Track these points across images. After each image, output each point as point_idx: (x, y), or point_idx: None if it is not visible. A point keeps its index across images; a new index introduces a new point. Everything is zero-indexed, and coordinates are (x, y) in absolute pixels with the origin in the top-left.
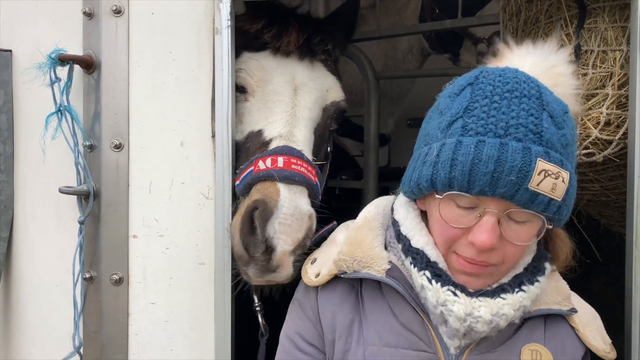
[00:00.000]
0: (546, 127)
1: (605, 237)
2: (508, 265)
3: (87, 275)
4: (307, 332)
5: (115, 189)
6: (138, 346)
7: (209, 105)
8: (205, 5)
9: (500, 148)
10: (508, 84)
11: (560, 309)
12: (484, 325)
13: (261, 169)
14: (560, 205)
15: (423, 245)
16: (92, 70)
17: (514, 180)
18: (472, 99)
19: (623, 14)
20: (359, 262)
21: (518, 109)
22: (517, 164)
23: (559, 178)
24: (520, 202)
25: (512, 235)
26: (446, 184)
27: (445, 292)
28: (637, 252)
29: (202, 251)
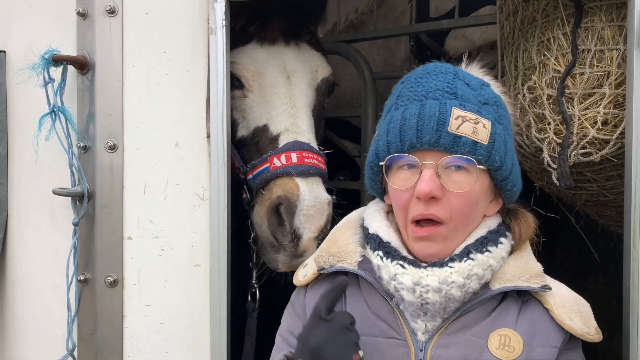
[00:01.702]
0: (460, 88)
1: (603, 237)
2: (458, 219)
3: (82, 277)
4: (296, 328)
5: (110, 190)
6: (133, 348)
7: (204, 106)
8: (199, 5)
9: (421, 107)
10: (427, 68)
11: (529, 286)
12: (434, 295)
13: (277, 165)
14: (489, 150)
15: (376, 229)
16: (86, 71)
17: (434, 127)
18: (402, 87)
19: (620, 13)
20: (334, 257)
21: (435, 81)
22: (435, 113)
23: (478, 123)
24: (447, 146)
25: (452, 184)
26: (385, 150)
27: (395, 266)
28: (635, 252)
29: (198, 253)
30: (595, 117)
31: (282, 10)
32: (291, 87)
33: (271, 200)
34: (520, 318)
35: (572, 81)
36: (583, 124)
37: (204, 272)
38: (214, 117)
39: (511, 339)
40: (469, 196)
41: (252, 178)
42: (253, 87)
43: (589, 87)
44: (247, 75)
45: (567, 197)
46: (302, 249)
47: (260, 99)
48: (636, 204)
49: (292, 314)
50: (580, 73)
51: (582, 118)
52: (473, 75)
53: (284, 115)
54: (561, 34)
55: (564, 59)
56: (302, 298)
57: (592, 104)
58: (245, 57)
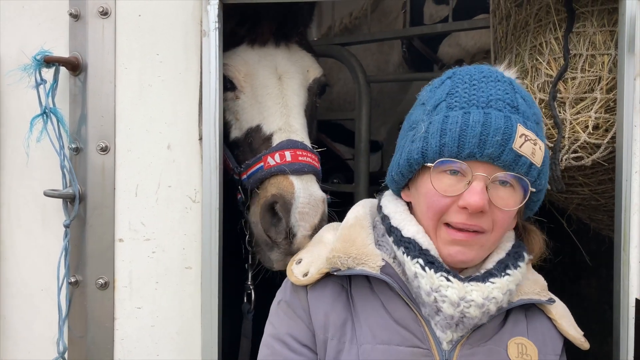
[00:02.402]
0: (520, 103)
1: (595, 241)
2: (497, 233)
3: (73, 279)
4: (299, 332)
5: (101, 192)
6: (124, 351)
7: (196, 108)
8: (192, 7)
9: (484, 115)
10: (483, 72)
11: (539, 299)
12: (476, 310)
13: (271, 164)
14: (539, 172)
15: (414, 234)
16: (78, 72)
17: (499, 141)
18: (453, 85)
19: (611, 18)
20: (353, 259)
21: (495, 89)
22: (501, 126)
23: (537, 144)
24: (506, 162)
25: (499, 200)
26: (437, 152)
27: (439, 278)
28: (626, 255)
29: (189, 255)
30: (586, 122)
31: (272, 12)
32: (283, 87)
33: (266, 199)
34: (530, 327)
35: (563, 85)
36: (574, 128)
37: (196, 274)
38: (206, 119)
39: (527, 347)
40: (512, 213)
41: (246, 178)
42: (245, 89)
43: (581, 92)
44: (239, 77)
45: (559, 201)
46: (296, 246)
47: (253, 100)
48: (627, 207)
49: (291, 316)
50: (572, 77)
51: (573, 122)
52: (523, 88)
53: (277, 115)
54: (553, 38)
55: (556, 63)
56: (303, 299)
57: (583, 109)
58: (236, 59)
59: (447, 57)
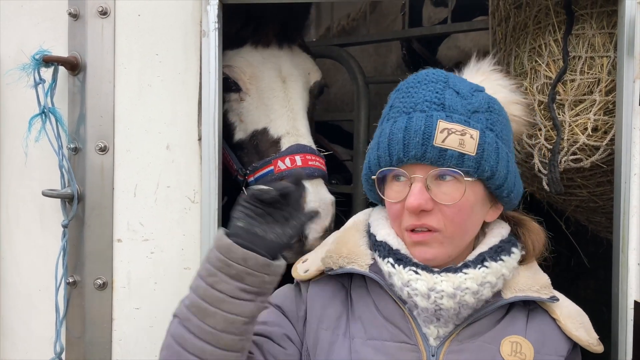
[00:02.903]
0: (448, 98)
1: (594, 243)
2: (452, 228)
3: (71, 279)
4: (287, 307)
5: (100, 192)
6: (122, 352)
7: (196, 108)
8: (192, 7)
9: (407, 120)
10: (418, 77)
11: (539, 296)
12: (449, 300)
13: (282, 168)
14: (478, 161)
15: (384, 236)
16: (77, 72)
17: (420, 141)
18: (395, 97)
19: (610, 21)
20: (344, 258)
21: (425, 91)
22: (420, 127)
23: (465, 135)
24: (433, 159)
25: (442, 195)
26: (376, 164)
27: (408, 272)
28: (624, 257)
29: (188, 256)
30: (585, 124)
31: (275, 13)
32: (288, 90)
33: None
34: (529, 326)
35: (563, 88)
36: (573, 130)
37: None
38: (205, 119)
39: (522, 346)
40: (462, 205)
41: (253, 180)
42: (250, 91)
43: (580, 94)
44: (244, 78)
45: (557, 203)
46: (308, 248)
47: (258, 103)
48: (625, 210)
49: (288, 295)
50: (571, 80)
51: (572, 124)
52: (467, 80)
53: (284, 118)
54: (552, 40)
55: (555, 65)
56: (303, 290)
57: (582, 111)
58: (241, 61)
59: (446, 60)
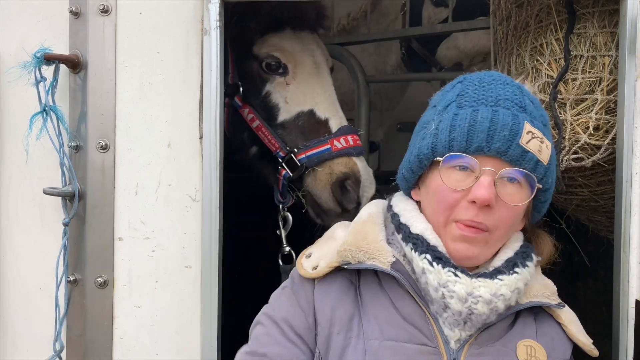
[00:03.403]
0: (528, 104)
1: (594, 242)
2: (502, 231)
3: (72, 278)
4: (296, 321)
5: (101, 190)
6: (122, 350)
7: (197, 107)
8: (194, 6)
9: (493, 112)
10: (493, 76)
11: (549, 302)
12: (484, 306)
13: (338, 147)
14: (546, 170)
15: (422, 230)
16: (78, 70)
17: (506, 136)
18: (463, 88)
19: (612, 20)
20: (364, 253)
21: (504, 90)
22: (509, 122)
23: (543, 142)
24: (513, 157)
25: (506, 196)
26: (446, 147)
27: (447, 273)
28: (625, 257)
29: (189, 254)
30: (587, 123)
31: None
32: (323, 75)
33: (338, 175)
34: (539, 331)
35: (564, 87)
36: (575, 129)
37: (195, 273)
38: (207, 118)
39: (536, 350)
40: (517, 210)
41: (305, 157)
42: (296, 75)
43: (581, 93)
44: (291, 64)
45: (558, 202)
46: None
47: (303, 86)
48: (626, 209)
49: (292, 304)
50: (573, 79)
51: (574, 123)
52: (530, 93)
53: (327, 102)
54: (554, 39)
55: (556, 64)
56: (309, 291)
57: (584, 110)
58: (288, 45)
59: (445, 60)
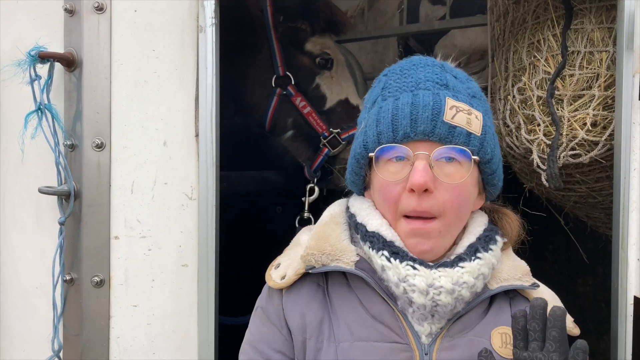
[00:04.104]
0: (450, 80)
1: (592, 239)
2: (450, 215)
3: (68, 277)
4: (272, 338)
5: (97, 189)
6: (119, 349)
7: (193, 105)
8: (189, 3)
9: (413, 96)
10: (413, 60)
11: (522, 284)
12: (447, 296)
13: None
14: (481, 141)
15: (377, 227)
16: (73, 68)
17: (429, 116)
18: (387, 80)
19: (609, 15)
20: (327, 255)
21: (424, 72)
22: (429, 102)
23: (471, 114)
24: (442, 136)
25: (444, 176)
26: (375, 141)
27: (405, 267)
28: (624, 253)
29: (185, 253)
30: (584, 119)
31: None
32: (347, 70)
33: None
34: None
35: (561, 83)
36: (572, 125)
37: (192, 272)
38: (202, 115)
39: (511, 337)
40: (461, 189)
41: (348, 136)
42: (337, 70)
43: (579, 89)
44: (336, 60)
45: (556, 199)
46: None
47: (340, 78)
48: (624, 205)
49: (265, 323)
50: (570, 75)
51: (571, 119)
52: (458, 69)
53: (354, 92)
54: (551, 35)
55: (553, 60)
56: (277, 304)
57: (581, 106)
58: (333, 46)
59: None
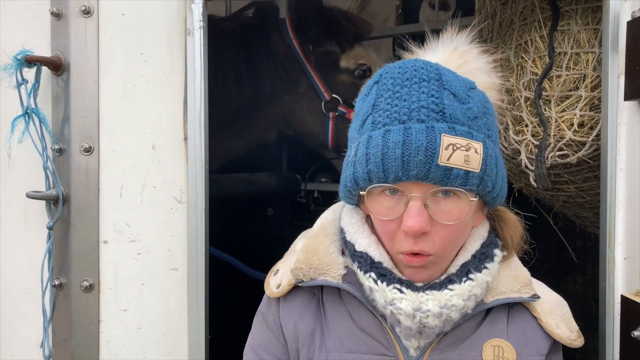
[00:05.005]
0: (447, 104)
1: (581, 238)
2: (447, 249)
3: (57, 282)
4: (269, 344)
5: (85, 193)
6: (109, 354)
7: (181, 108)
8: (177, 6)
9: (405, 132)
10: (407, 72)
11: (520, 296)
12: (434, 319)
13: None
14: (481, 177)
15: (365, 247)
16: (60, 72)
17: (422, 160)
18: (378, 94)
19: (595, 17)
20: (314, 270)
21: (418, 93)
22: (423, 142)
23: (470, 150)
24: (437, 180)
25: (442, 215)
26: (366, 179)
27: (392, 291)
28: (611, 252)
29: (175, 256)
30: (571, 119)
31: None
32: None
33: None
34: (510, 327)
35: (549, 83)
36: (560, 126)
37: (182, 276)
38: (191, 119)
39: (504, 350)
40: (458, 224)
41: None
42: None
43: (566, 90)
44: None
45: (545, 199)
46: None
47: None
48: (612, 204)
49: (264, 328)
50: (557, 75)
51: (559, 120)
52: (457, 75)
53: None
54: (538, 36)
55: (541, 61)
56: (274, 311)
57: (568, 106)
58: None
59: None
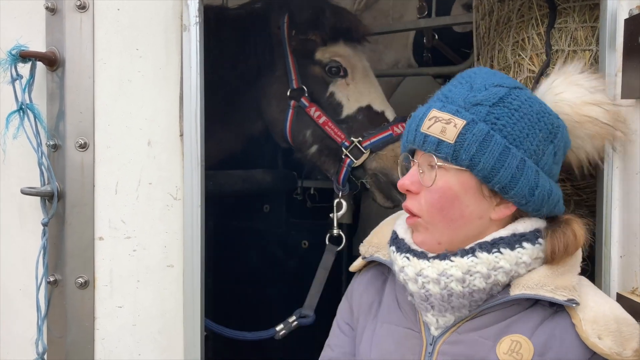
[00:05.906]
0: (455, 91)
1: None
2: (433, 214)
3: (52, 278)
4: (344, 310)
5: (81, 189)
6: (105, 351)
7: (177, 104)
8: (173, 2)
9: (419, 110)
10: (463, 76)
11: (553, 297)
12: (434, 286)
13: (398, 132)
14: (456, 149)
15: (396, 226)
16: (55, 68)
17: (414, 128)
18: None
19: (592, 14)
20: (373, 247)
21: (448, 85)
22: (418, 115)
23: (450, 123)
24: (419, 145)
25: (427, 181)
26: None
27: (402, 259)
28: (607, 250)
29: (171, 253)
30: None
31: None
32: (372, 76)
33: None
34: (541, 328)
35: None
36: None
37: (178, 272)
38: (187, 115)
39: (522, 346)
40: (441, 192)
41: (370, 144)
42: (354, 77)
43: None
44: (350, 67)
45: None
46: None
47: (360, 85)
48: (608, 203)
49: (344, 301)
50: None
51: None
52: (496, 75)
53: (380, 98)
54: (535, 34)
55: (538, 59)
56: (352, 283)
57: None
58: (347, 53)
59: None
